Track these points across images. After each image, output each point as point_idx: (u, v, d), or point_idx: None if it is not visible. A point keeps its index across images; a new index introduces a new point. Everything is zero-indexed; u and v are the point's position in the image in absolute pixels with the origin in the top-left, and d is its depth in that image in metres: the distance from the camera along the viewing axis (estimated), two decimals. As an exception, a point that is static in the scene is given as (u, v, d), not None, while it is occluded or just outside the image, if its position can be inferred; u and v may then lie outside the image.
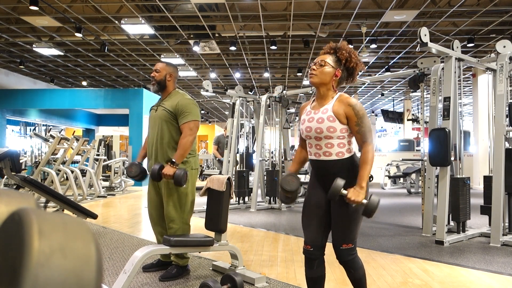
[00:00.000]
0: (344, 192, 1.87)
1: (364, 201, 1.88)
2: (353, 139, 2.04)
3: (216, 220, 2.91)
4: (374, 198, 1.88)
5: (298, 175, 2.19)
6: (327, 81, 2.01)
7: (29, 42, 9.60)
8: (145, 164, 3.19)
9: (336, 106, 1.96)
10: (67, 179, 7.60)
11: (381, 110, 17.67)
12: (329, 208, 2.03)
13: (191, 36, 9.17)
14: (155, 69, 3.08)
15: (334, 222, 2.00)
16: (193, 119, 2.96)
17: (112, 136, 14.06)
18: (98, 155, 9.89)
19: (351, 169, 1.98)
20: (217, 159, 8.86)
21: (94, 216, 4.40)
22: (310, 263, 2.04)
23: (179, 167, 2.89)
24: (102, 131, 16.26)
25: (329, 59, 2.02)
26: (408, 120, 16.34)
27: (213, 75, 12.72)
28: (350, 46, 2.07)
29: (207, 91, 6.93)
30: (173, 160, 2.85)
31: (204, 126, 24.96)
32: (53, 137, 8.89)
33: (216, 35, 9.18)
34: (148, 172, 3.05)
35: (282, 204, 6.93)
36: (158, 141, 3.00)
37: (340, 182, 1.86)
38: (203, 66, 12.02)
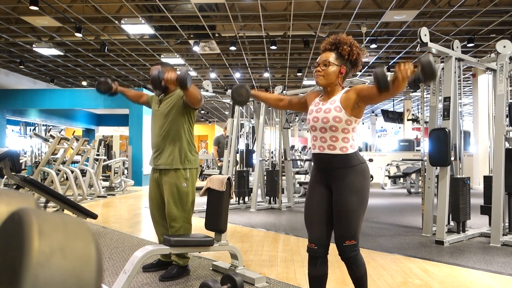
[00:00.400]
0: (389, 74, 1.73)
1: (416, 68, 1.75)
2: (356, 136, 2.05)
3: (216, 220, 2.91)
4: (424, 57, 1.74)
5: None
6: (333, 81, 2.04)
7: (29, 42, 9.60)
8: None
9: (344, 96, 2.00)
10: (67, 179, 7.60)
11: (381, 110, 17.67)
12: (331, 204, 2.03)
13: (191, 36, 9.17)
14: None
15: (336, 218, 2.00)
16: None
17: (112, 136, 14.05)
18: (98, 155, 9.89)
19: (354, 165, 1.99)
20: (218, 166, 8.82)
21: (94, 216, 4.40)
22: (313, 261, 2.05)
23: (178, 168, 2.89)
24: (102, 131, 16.26)
25: (332, 58, 2.02)
26: (408, 120, 16.34)
27: (213, 75, 12.72)
28: (350, 37, 2.07)
29: (207, 91, 6.93)
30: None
31: (204, 126, 24.97)
32: (53, 137, 8.89)
33: (216, 35, 9.18)
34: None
35: (282, 204, 6.93)
36: (162, 135, 3.01)
37: (380, 68, 1.75)
38: (203, 66, 12.02)
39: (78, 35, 8.15)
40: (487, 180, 4.52)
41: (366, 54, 2.16)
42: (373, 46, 9.06)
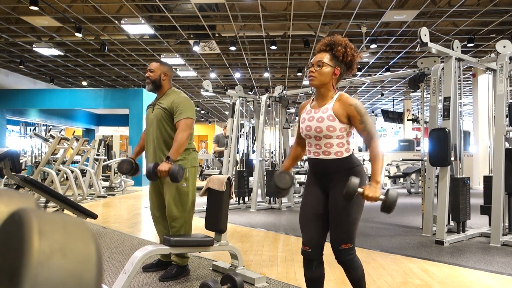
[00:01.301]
0: (360, 190, 1.81)
1: (382, 196, 1.83)
2: (352, 139, 2.04)
3: (216, 220, 2.91)
4: (392, 193, 1.82)
5: (293, 173, 2.20)
6: (327, 82, 2.00)
7: (29, 42, 9.60)
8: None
9: (336, 106, 1.96)
10: (67, 179, 7.60)
11: (381, 110, 17.67)
12: (327, 207, 2.03)
13: (191, 36, 9.17)
14: (149, 69, 3.08)
15: (332, 222, 1.99)
16: (188, 116, 2.95)
17: (112, 136, 14.07)
18: (98, 155, 9.89)
19: (349, 169, 1.98)
20: (217, 158, 8.87)
21: (94, 216, 4.40)
22: (308, 264, 2.04)
23: (174, 164, 2.90)
24: (102, 131, 16.27)
25: (326, 58, 2.00)
26: (408, 120, 16.33)
27: (213, 75, 12.71)
28: (346, 38, 2.05)
29: (207, 91, 6.93)
30: (168, 156, 2.80)
31: (204, 126, 24.97)
32: (53, 137, 8.89)
33: (216, 35, 9.18)
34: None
35: (282, 204, 6.93)
36: (155, 140, 3.01)
37: (355, 180, 1.80)
38: (203, 66, 12.02)
39: (78, 35, 8.15)
40: (487, 180, 4.52)
41: (362, 56, 2.16)
42: (373, 46, 9.06)
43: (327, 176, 2.01)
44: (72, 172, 7.38)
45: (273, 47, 9.05)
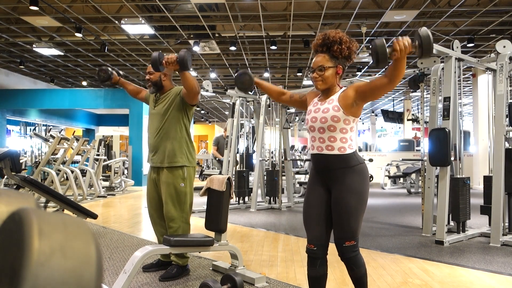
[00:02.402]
0: (388, 50, 1.70)
1: (415, 42, 1.71)
2: (355, 136, 2.05)
3: (216, 220, 2.91)
4: (422, 31, 1.70)
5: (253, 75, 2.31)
6: (332, 83, 2.04)
7: (29, 42, 9.60)
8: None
9: (342, 95, 2.00)
10: (67, 179, 7.60)
11: (381, 110, 17.67)
12: (330, 205, 2.03)
13: (191, 36, 9.17)
14: (148, 72, 3.08)
15: (336, 219, 2.00)
16: None
17: (112, 136, 14.06)
18: (98, 155, 9.89)
19: (352, 166, 1.99)
20: (217, 159, 8.87)
21: (94, 216, 4.40)
22: (313, 262, 2.04)
23: (176, 163, 2.90)
24: (102, 131, 16.27)
25: (326, 61, 2.02)
26: (408, 120, 16.34)
27: (213, 75, 12.72)
28: (338, 31, 2.05)
29: (207, 91, 6.93)
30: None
31: (204, 126, 24.97)
32: (53, 137, 8.89)
33: (216, 35, 9.18)
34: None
35: (282, 204, 6.93)
36: (158, 135, 3.01)
37: (379, 40, 1.69)
38: (203, 66, 12.02)
39: (78, 35, 8.15)
40: (487, 180, 4.52)
41: (357, 45, 2.16)
42: (373, 46, 9.05)
43: (330, 173, 2.02)
44: (72, 172, 7.38)
45: (273, 47, 9.04)
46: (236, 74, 2.27)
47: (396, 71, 1.80)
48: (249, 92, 7.28)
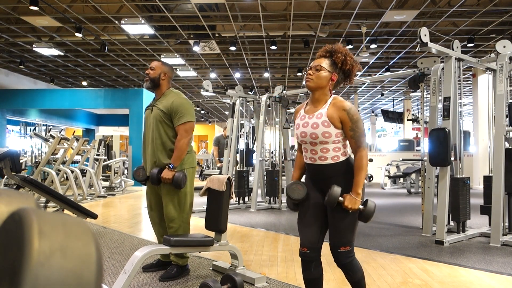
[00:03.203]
0: (341, 199, 1.90)
1: (361, 207, 1.93)
2: (348, 141, 2.04)
3: (216, 220, 2.91)
4: (370, 204, 1.94)
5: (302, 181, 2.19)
6: (323, 86, 2.00)
7: (29, 42, 9.60)
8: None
9: (331, 110, 1.95)
10: (67, 179, 7.60)
11: (381, 110, 17.67)
12: (325, 209, 2.03)
13: (191, 36, 9.17)
14: (150, 67, 3.08)
15: (331, 225, 2.00)
16: (188, 120, 2.96)
17: (112, 136, 14.06)
18: (98, 155, 9.89)
19: (346, 172, 1.98)
20: (217, 167, 8.84)
21: (94, 216, 4.40)
22: (307, 265, 2.04)
23: (177, 170, 2.90)
24: (102, 131, 16.27)
25: (325, 63, 2.00)
26: (408, 120, 16.34)
27: (213, 75, 12.72)
28: (346, 48, 2.06)
29: (207, 91, 6.93)
30: (171, 163, 2.87)
31: (204, 126, 24.97)
32: (53, 137, 8.89)
33: (216, 35, 9.18)
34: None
35: (282, 204, 6.93)
36: (153, 141, 3.00)
37: (337, 189, 1.88)
38: (203, 66, 12.02)
39: (78, 35, 8.15)
40: (487, 180, 4.52)
41: (361, 68, 2.17)
42: (373, 46, 9.06)
43: (324, 181, 2.01)
44: (72, 172, 7.38)
45: (273, 47, 9.05)
46: (287, 189, 2.11)
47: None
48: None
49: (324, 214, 2.03)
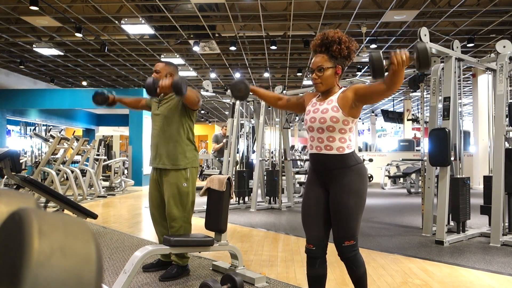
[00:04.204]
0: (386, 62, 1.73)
1: (413, 55, 1.73)
2: (353, 136, 2.05)
3: (216, 220, 2.91)
4: (419, 45, 1.72)
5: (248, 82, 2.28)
6: (332, 83, 2.04)
7: (29, 42, 9.60)
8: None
9: (341, 96, 2.00)
10: (67, 179, 7.60)
11: (381, 110, 17.67)
12: (328, 205, 2.03)
13: (191, 36, 9.17)
14: (155, 70, 3.09)
15: (334, 219, 2.00)
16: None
17: (112, 136, 14.06)
18: (98, 155, 9.89)
19: (350, 166, 1.99)
20: (217, 159, 8.88)
21: (94, 216, 4.40)
22: (312, 262, 2.04)
23: (181, 166, 2.91)
24: (102, 131, 16.26)
25: (325, 61, 2.01)
26: (408, 120, 16.34)
27: (213, 75, 12.72)
28: (337, 31, 2.04)
29: (207, 91, 6.93)
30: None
31: (204, 126, 24.97)
32: (53, 137, 8.89)
33: (216, 35, 9.18)
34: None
35: (282, 204, 6.93)
36: (161, 135, 3.02)
37: (376, 52, 1.74)
38: (203, 66, 12.02)
39: (78, 35, 8.15)
40: (487, 180, 4.52)
41: (357, 45, 2.15)
42: (373, 46, 9.05)
43: (328, 173, 2.02)
44: (72, 172, 7.38)
45: (273, 47, 9.04)
46: (231, 83, 2.26)
47: (393, 81, 1.79)
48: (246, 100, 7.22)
49: (328, 211, 2.03)
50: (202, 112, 21.30)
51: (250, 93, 2.29)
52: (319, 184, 2.07)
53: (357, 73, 12.24)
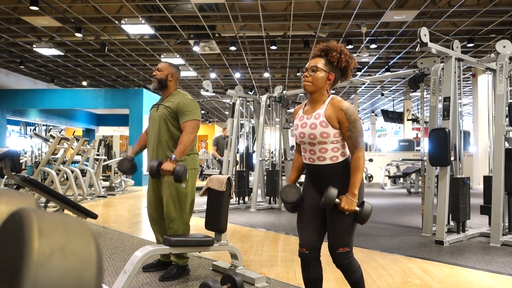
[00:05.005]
0: (337, 201, 1.89)
1: (357, 208, 1.91)
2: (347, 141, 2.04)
3: (216, 220, 2.91)
4: (367, 206, 1.91)
5: (298, 185, 2.19)
6: (321, 86, 1.99)
7: (29, 42, 9.60)
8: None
9: (329, 110, 1.94)
10: (67, 179, 7.60)
11: (381, 110, 17.67)
12: (323, 210, 2.02)
13: (191, 36, 9.17)
14: (157, 68, 3.10)
15: (330, 226, 2.00)
16: (194, 118, 2.97)
17: (112, 136, 14.06)
18: (98, 155, 9.89)
19: (345, 173, 1.97)
20: (217, 159, 8.87)
21: (94, 216, 4.40)
22: (306, 265, 2.05)
23: (179, 164, 2.90)
24: (102, 131, 16.26)
25: (321, 63, 1.99)
26: (408, 120, 16.34)
27: (213, 75, 12.72)
28: (342, 45, 2.04)
29: (207, 91, 6.93)
30: (173, 156, 2.83)
31: (204, 126, 24.97)
32: (53, 137, 8.89)
33: (216, 35, 9.18)
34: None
35: (282, 204, 6.93)
36: (157, 140, 3.01)
37: (333, 191, 1.87)
38: (203, 66, 12.02)
39: (78, 35, 8.15)
40: (487, 180, 4.52)
41: (356, 64, 2.15)
42: (373, 46, 9.06)
43: (323, 180, 2.01)
44: (72, 172, 7.38)
45: (273, 47, 9.05)
46: (281, 192, 2.12)
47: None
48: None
49: (323, 215, 2.03)
50: (202, 112, 21.30)
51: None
52: (315, 189, 2.06)
53: (357, 73, 12.24)
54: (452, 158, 4.36)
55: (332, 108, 1.94)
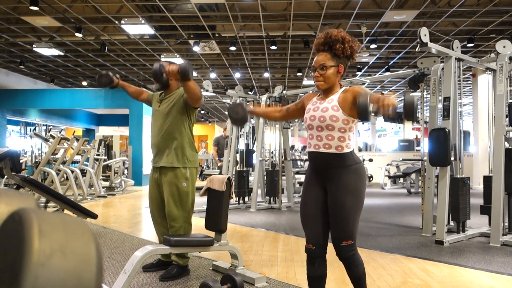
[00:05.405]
0: (372, 107, 1.78)
1: (401, 98, 1.80)
2: (353, 136, 2.05)
3: (216, 220, 2.91)
4: (408, 96, 1.81)
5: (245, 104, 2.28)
6: (334, 83, 2.05)
7: (29, 42, 9.60)
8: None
9: (342, 96, 2.00)
10: (67, 179, 7.60)
11: (381, 110, 17.63)
12: (326, 204, 2.03)
13: (191, 36, 9.17)
14: None
15: (332, 219, 2.00)
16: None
17: (112, 136, 14.06)
18: (98, 155, 9.89)
19: (348, 165, 1.98)
20: (218, 166, 8.85)
21: (94, 216, 4.40)
22: (312, 261, 2.05)
23: (177, 167, 2.90)
24: (102, 131, 16.26)
25: (328, 59, 2.01)
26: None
27: (213, 75, 12.72)
28: (340, 31, 2.04)
29: (207, 91, 6.93)
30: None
31: (204, 126, 24.97)
32: (53, 137, 8.89)
33: (216, 35, 9.18)
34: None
35: (282, 204, 6.93)
36: (162, 135, 3.02)
37: (363, 96, 1.78)
38: (203, 66, 12.02)
39: (78, 35, 8.15)
40: (487, 180, 4.52)
41: (360, 45, 2.16)
42: (373, 46, 9.06)
43: (326, 172, 2.02)
44: (72, 172, 7.38)
45: (273, 47, 9.04)
46: (228, 107, 2.24)
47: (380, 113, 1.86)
48: (246, 100, 7.21)
49: (326, 210, 2.03)
50: (202, 112, 21.29)
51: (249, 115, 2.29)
52: (318, 184, 2.06)
53: (357, 73, 12.23)
54: (452, 158, 4.36)
55: (346, 93, 2.00)
